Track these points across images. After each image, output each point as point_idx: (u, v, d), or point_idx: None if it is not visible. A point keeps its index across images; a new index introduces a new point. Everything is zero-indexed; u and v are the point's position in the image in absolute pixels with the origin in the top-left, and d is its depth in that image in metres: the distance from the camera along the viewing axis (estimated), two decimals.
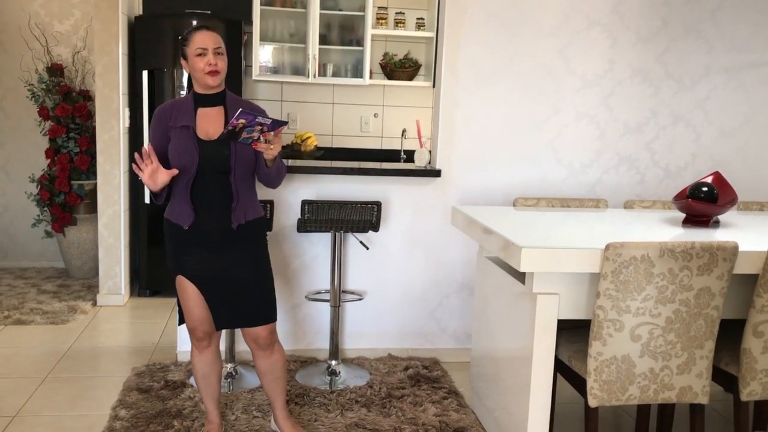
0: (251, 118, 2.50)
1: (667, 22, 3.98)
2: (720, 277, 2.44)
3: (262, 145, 2.62)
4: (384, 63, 5.80)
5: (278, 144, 2.65)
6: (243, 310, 2.80)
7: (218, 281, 2.75)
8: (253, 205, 2.81)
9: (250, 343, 2.87)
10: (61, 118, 5.25)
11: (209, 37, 2.67)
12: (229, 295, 2.77)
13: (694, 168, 4.12)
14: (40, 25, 5.58)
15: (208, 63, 2.65)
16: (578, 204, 3.50)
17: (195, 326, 2.81)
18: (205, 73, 2.66)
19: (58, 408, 3.27)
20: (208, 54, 2.65)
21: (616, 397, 2.51)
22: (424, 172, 3.84)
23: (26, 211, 5.74)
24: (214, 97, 2.75)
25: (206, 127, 2.72)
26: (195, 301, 2.77)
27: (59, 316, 4.54)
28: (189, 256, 2.75)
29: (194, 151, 2.67)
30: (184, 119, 2.70)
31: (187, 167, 2.67)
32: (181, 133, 2.69)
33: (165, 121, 2.72)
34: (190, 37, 2.69)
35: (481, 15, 3.83)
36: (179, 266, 2.77)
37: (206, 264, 2.74)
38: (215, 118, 2.74)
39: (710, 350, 2.54)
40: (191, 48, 2.67)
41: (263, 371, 2.91)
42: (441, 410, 3.30)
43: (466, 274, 4.01)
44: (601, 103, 4.01)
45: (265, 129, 2.58)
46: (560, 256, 2.44)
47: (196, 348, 2.86)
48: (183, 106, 2.75)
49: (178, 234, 2.76)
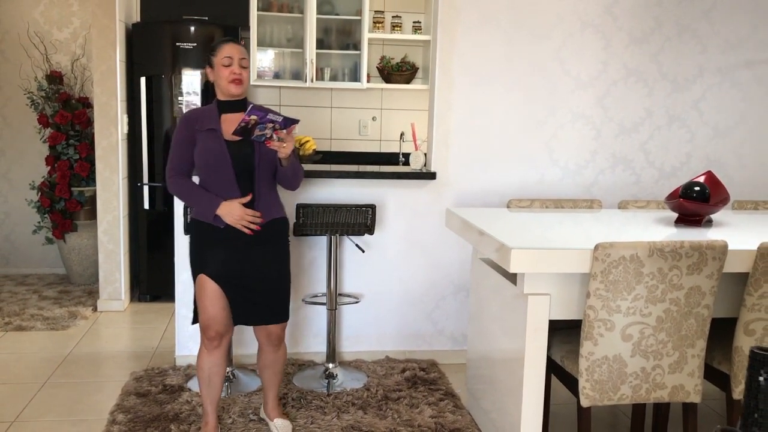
0: (262, 115, 2.64)
1: (661, 23, 3.99)
2: (710, 276, 2.45)
3: (275, 143, 2.77)
4: (381, 66, 5.83)
5: (291, 142, 2.81)
6: (262, 308, 2.92)
7: (241, 279, 2.87)
8: (276, 205, 2.97)
9: (262, 338, 3.00)
10: (60, 125, 5.29)
11: (236, 48, 2.88)
12: (250, 293, 2.88)
13: (689, 168, 4.13)
14: (40, 33, 5.62)
15: (232, 72, 2.85)
16: (572, 205, 3.51)
17: (209, 324, 2.87)
18: (229, 82, 2.84)
19: (56, 413, 3.29)
20: (234, 64, 2.85)
21: (608, 396, 2.52)
22: (419, 174, 3.86)
23: (27, 218, 5.78)
24: (236, 103, 2.92)
25: (229, 129, 2.86)
26: (213, 300, 2.85)
27: (60, 322, 4.56)
28: (215, 255, 2.86)
29: (226, 152, 2.83)
30: (210, 123, 2.87)
31: (219, 166, 2.83)
32: (207, 136, 2.85)
33: (191, 126, 2.88)
34: (218, 47, 2.89)
35: (475, 17, 3.85)
36: (203, 265, 2.87)
37: (231, 263, 2.86)
38: (237, 122, 2.88)
39: (702, 349, 2.55)
40: (218, 57, 2.86)
41: (267, 364, 3.05)
42: (437, 412, 3.31)
43: (462, 276, 4.02)
44: (596, 104, 4.02)
45: (278, 126, 2.71)
46: (550, 257, 2.45)
47: (206, 347, 2.92)
48: (208, 112, 2.93)
49: (208, 234, 2.87)
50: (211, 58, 2.89)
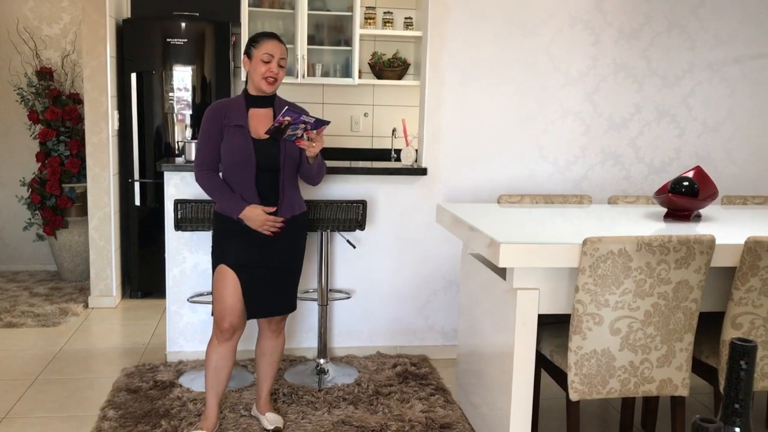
0: (296, 116, 2.69)
1: (650, 18, 4.01)
2: (698, 270, 2.47)
3: (305, 143, 2.82)
4: (373, 62, 5.83)
5: (320, 142, 2.85)
6: (276, 299, 2.98)
7: (258, 270, 2.90)
8: (298, 201, 3.02)
9: (263, 324, 3.05)
10: (51, 122, 5.27)
11: (278, 47, 2.88)
12: (265, 283, 2.92)
13: (678, 163, 4.15)
14: (29, 29, 5.60)
15: (269, 70, 2.85)
16: (562, 200, 3.52)
17: (224, 316, 2.89)
18: (263, 78, 2.85)
19: (47, 409, 3.29)
20: (273, 62, 2.86)
21: (596, 390, 2.54)
22: (410, 170, 3.87)
23: (17, 214, 5.76)
24: (265, 99, 2.93)
25: (256, 126, 2.89)
26: (231, 290, 2.88)
27: (51, 319, 4.55)
28: (236, 246, 2.89)
29: (251, 150, 2.84)
30: (237, 118, 2.88)
31: (245, 164, 2.84)
32: (235, 132, 2.86)
33: (219, 119, 2.89)
34: (261, 41, 2.88)
35: (465, 13, 3.86)
36: (223, 255, 2.91)
37: (251, 254, 2.89)
38: (264, 118, 2.93)
39: (689, 343, 2.57)
40: (259, 51, 2.85)
41: (265, 351, 3.09)
42: (428, 406, 3.33)
43: (453, 271, 4.03)
44: (586, 100, 4.03)
45: (309, 127, 2.76)
46: (539, 252, 2.47)
47: (217, 339, 2.93)
48: (236, 105, 2.92)
49: (231, 228, 2.90)
50: (251, 49, 2.87)
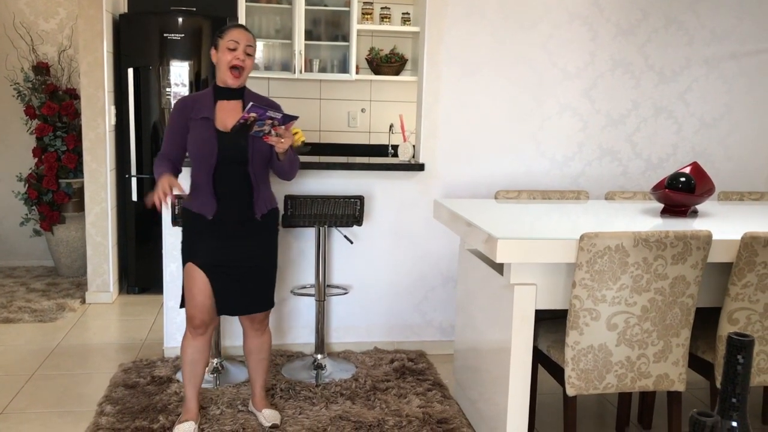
0: (262, 112, 2.62)
1: (648, 14, 4.00)
2: (694, 265, 2.47)
3: (273, 139, 2.74)
4: (370, 58, 5.82)
5: (288, 138, 2.77)
6: (248, 297, 2.93)
7: (229, 269, 2.87)
8: (270, 196, 2.97)
9: (245, 323, 3.02)
10: (47, 117, 5.26)
11: (244, 34, 2.84)
12: (237, 282, 2.88)
13: (675, 159, 4.15)
14: (25, 23, 5.58)
15: (236, 57, 2.81)
16: (559, 196, 3.53)
17: (194, 314, 2.88)
18: (229, 66, 2.80)
19: (44, 405, 3.29)
20: (239, 49, 2.81)
21: (593, 385, 2.54)
22: (407, 166, 3.87)
23: (14, 209, 5.75)
24: (233, 91, 2.88)
25: (224, 119, 2.84)
26: (201, 288, 2.85)
27: (48, 314, 4.55)
28: (204, 244, 2.85)
29: (214, 142, 2.80)
30: (204, 111, 2.84)
31: (207, 157, 2.79)
32: (201, 124, 2.82)
33: (186, 113, 2.85)
34: (226, 30, 2.84)
35: (463, 9, 3.85)
36: (192, 253, 2.87)
37: (221, 252, 2.85)
38: (233, 111, 2.87)
39: (686, 338, 2.57)
40: (225, 40, 2.82)
41: (252, 350, 3.06)
42: (425, 402, 3.33)
43: (450, 267, 4.04)
44: (584, 95, 4.03)
45: (276, 123, 2.69)
46: (536, 247, 2.47)
47: (191, 334, 2.93)
48: (203, 98, 2.88)
49: (198, 223, 2.86)
50: (218, 40, 2.85)
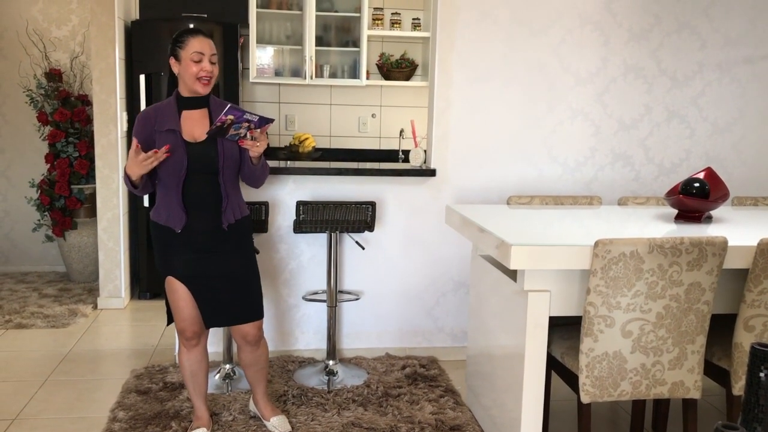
0: (239, 114, 2.55)
1: (660, 19, 3.99)
2: (710, 272, 2.45)
3: (248, 142, 2.67)
4: (380, 63, 5.83)
5: (264, 141, 2.69)
6: (232, 308, 2.85)
7: (208, 281, 2.79)
8: (240, 205, 2.86)
9: (239, 339, 2.95)
10: (60, 123, 5.29)
11: (207, 43, 2.71)
12: (218, 294, 2.81)
13: (688, 164, 4.13)
14: (38, 31, 5.61)
15: (202, 69, 2.69)
16: (572, 201, 3.51)
17: (184, 327, 2.85)
18: (197, 79, 2.69)
19: (57, 410, 3.29)
20: (204, 61, 2.69)
21: (608, 392, 2.53)
22: (419, 171, 3.86)
23: (27, 215, 5.78)
24: (198, 99, 2.76)
25: (191, 129, 2.73)
26: (185, 301, 2.81)
27: (60, 320, 4.57)
28: (179, 258, 2.78)
29: (183, 154, 2.68)
30: (169, 123, 2.70)
31: (177, 170, 2.68)
32: (167, 137, 2.69)
33: (149, 126, 2.71)
34: (186, 40, 2.69)
35: (474, 14, 3.85)
36: (169, 267, 2.80)
37: (196, 264, 2.78)
38: (200, 120, 2.76)
39: (701, 345, 2.55)
40: (187, 51, 2.68)
41: (248, 364, 3.02)
42: (437, 408, 3.32)
43: (462, 273, 4.02)
44: (596, 100, 4.02)
45: (252, 126, 2.63)
46: (550, 254, 2.46)
47: (185, 347, 2.91)
48: (166, 109, 2.74)
49: (168, 236, 2.77)
50: (178, 50, 2.68)
